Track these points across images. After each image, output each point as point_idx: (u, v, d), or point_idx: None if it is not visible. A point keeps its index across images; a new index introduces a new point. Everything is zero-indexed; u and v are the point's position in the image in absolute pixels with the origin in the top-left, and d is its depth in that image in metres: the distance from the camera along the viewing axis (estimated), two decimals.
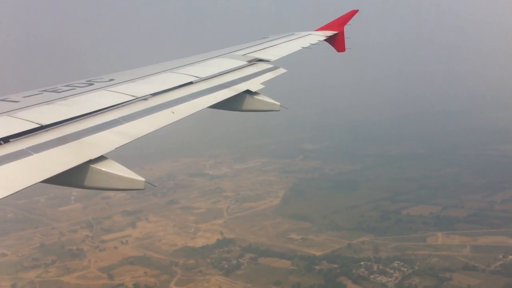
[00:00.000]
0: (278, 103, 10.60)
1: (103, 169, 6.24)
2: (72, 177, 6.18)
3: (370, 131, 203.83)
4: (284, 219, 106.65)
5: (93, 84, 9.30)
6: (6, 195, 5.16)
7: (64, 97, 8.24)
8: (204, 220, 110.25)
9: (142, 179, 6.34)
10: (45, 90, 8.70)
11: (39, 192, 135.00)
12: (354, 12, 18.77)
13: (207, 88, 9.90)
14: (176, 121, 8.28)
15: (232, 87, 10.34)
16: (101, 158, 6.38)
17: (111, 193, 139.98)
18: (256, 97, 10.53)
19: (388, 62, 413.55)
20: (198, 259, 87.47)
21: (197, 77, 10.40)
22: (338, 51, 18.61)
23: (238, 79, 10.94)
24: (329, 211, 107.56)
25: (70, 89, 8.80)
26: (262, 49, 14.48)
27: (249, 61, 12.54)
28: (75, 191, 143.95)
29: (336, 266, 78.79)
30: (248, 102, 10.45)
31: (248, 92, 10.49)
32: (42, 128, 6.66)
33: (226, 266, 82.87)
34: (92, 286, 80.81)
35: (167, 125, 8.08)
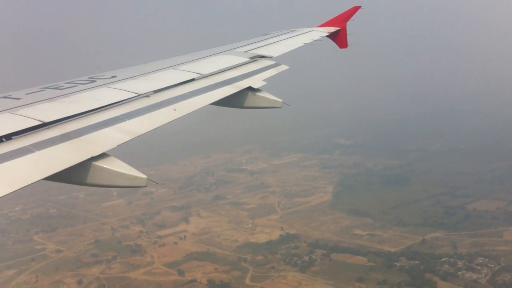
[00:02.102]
0: (280, 100, 10.34)
1: (105, 166, 6.17)
2: (74, 174, 6.12)
3: (398, 126, 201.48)
4: (342, 214, 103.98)
5: (95, 81, 9.24)
6: (9, 192, 5.08)
7: (66, 94, 8.17)
8: (258, 216, 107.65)
9: (144, 176, 6.25)
10: (47, 87, 8.64)
11: (77, 187, 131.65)
12: (356, 8, 18.56)
13: (209, 85, 9.80)
14: (178, 118, 8.12)
15: (234, 84, 10.23)
16: (103, 155, 6.32)
17: (153, 189, 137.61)
18: (258, 94, 10.34)
19: (393, 59, 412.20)
20: (266, 255, 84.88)
21: (199, 74, 10.31)
22: (341, 47, 18.49)
23: (240, 75, 10.81)
24: (387, 206, 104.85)
25: (72, 86, 8.75)
26: (264, 45, 14.35)
27: (251, 58, 12.38)
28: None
29: (417, 262, 76.16)
30: (250, 99, 10.31)
31: (250, 89, 10.33)
32: (44, 125, 6.64)
33: (299, 262, 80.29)
34: (163, 282, 78.34)
35: (169, 122, 7.92)
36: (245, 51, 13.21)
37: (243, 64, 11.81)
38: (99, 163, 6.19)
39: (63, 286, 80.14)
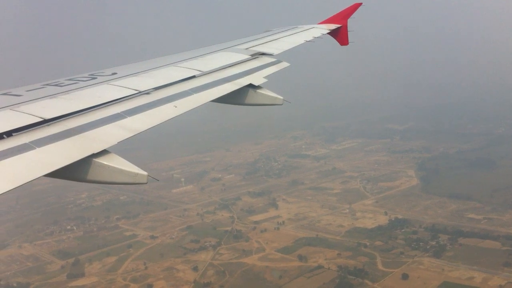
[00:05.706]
0: (281, 97, 10.13)
1: (106, 163, 6.08)
2: (75, 171, 6.01)
3: (441, 112, 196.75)
4: (443, 198, 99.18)
5: (96, 78, 9.07)
6: (10, 188, 5.03)
7: (67, 91, 8.06)
8: (349, 200, 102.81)
9: (145, 173, 6.11)
10: (48, 84, 8.53)
11: None
12: (357, 5, 18.37)
13: (210, 82, 9.63)
14: (178, 115, 8.00)
15: (235, 81, 10.06)
16: (104, 152, 6.22)
17: (219, 175, 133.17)
18: (258, 91, 10.12)
19: (395, 54, 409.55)
20: (386, 240, 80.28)
21: (199, 71, 10.18)
22: (342, 44, 18.32)
23: (240, 73, 10.66)
24: (489, 189, 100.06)
25: (73, 83, 8.59)
26: (265, 42, 14.23)
27: (252, 55, 12.26)
28: (176, 174, 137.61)
29: None
30: (251, 96, 10.11)
31: (251, 86, 10.11)
32: (45, 122, 6.57)
33: (428, 247, 75.63)
34: (286, 268, 73.65)
35: (170, 119, 7.76)
36: (245, 48, 13.00)
37: (243, 61, 11.58)
38: (100, 160, 6.04)
39: (177, 273, 75.61)
